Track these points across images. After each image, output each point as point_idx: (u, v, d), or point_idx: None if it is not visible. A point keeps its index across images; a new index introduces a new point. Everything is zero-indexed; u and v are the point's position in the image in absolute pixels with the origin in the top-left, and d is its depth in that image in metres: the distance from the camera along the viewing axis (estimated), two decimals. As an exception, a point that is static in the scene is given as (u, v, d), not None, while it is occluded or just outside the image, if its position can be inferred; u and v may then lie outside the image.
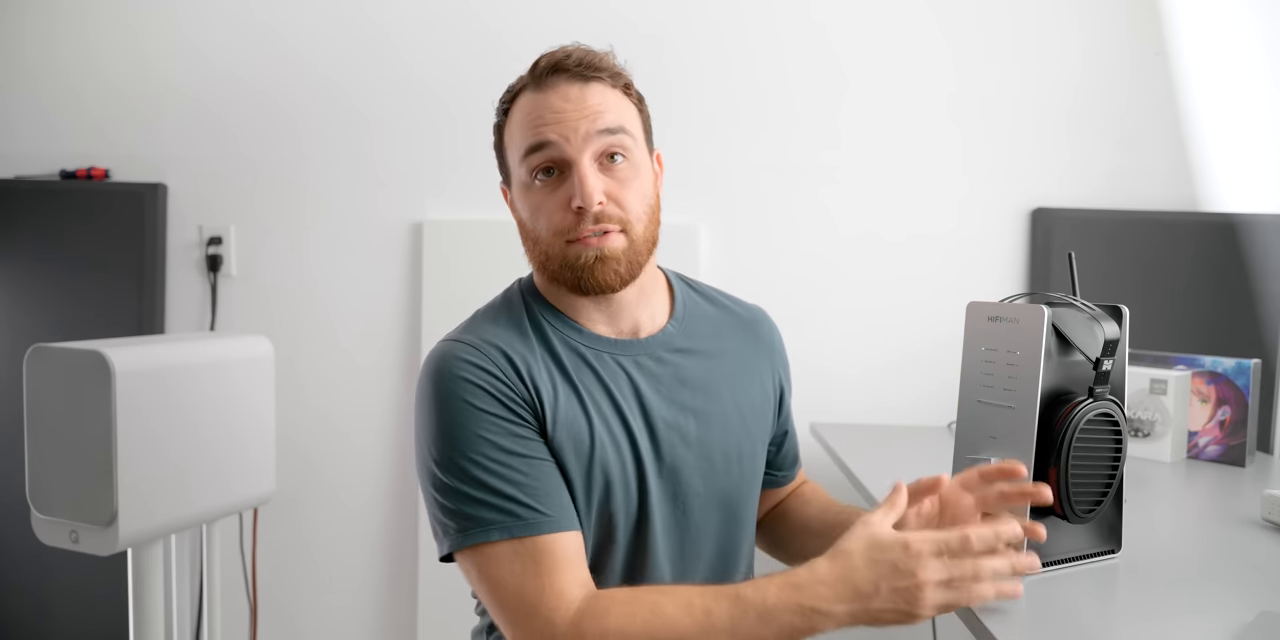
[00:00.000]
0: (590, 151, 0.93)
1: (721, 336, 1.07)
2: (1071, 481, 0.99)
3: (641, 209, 0.96)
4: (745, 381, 1.07)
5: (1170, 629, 0.89)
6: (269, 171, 2.11)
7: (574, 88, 0.95)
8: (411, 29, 2.07)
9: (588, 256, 0.93)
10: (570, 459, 0.93)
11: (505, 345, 0.95)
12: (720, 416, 1.02)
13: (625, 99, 0.98)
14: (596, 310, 1.00)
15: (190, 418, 1.53)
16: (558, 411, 0.93)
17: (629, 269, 0.95)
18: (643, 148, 0.99)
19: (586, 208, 0.91)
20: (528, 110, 0.96)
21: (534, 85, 0.97)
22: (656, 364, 1.00)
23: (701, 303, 1.10)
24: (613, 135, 0.93)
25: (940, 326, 1.99)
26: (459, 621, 2.03)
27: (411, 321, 2.09)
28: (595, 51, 0.98)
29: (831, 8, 2.04)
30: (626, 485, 0.96)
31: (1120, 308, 1.03)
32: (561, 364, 0.97)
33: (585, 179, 0.91)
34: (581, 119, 0.93)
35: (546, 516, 0.87)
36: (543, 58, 0.97)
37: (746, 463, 1.05)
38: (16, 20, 2.11)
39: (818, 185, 2.06)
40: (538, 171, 0.94)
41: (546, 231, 0.95)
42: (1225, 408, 1.64)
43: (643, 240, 0.96)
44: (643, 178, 0.97)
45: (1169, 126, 2.02)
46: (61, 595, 2.04)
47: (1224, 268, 1.94)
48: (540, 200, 0.95)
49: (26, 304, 2.06)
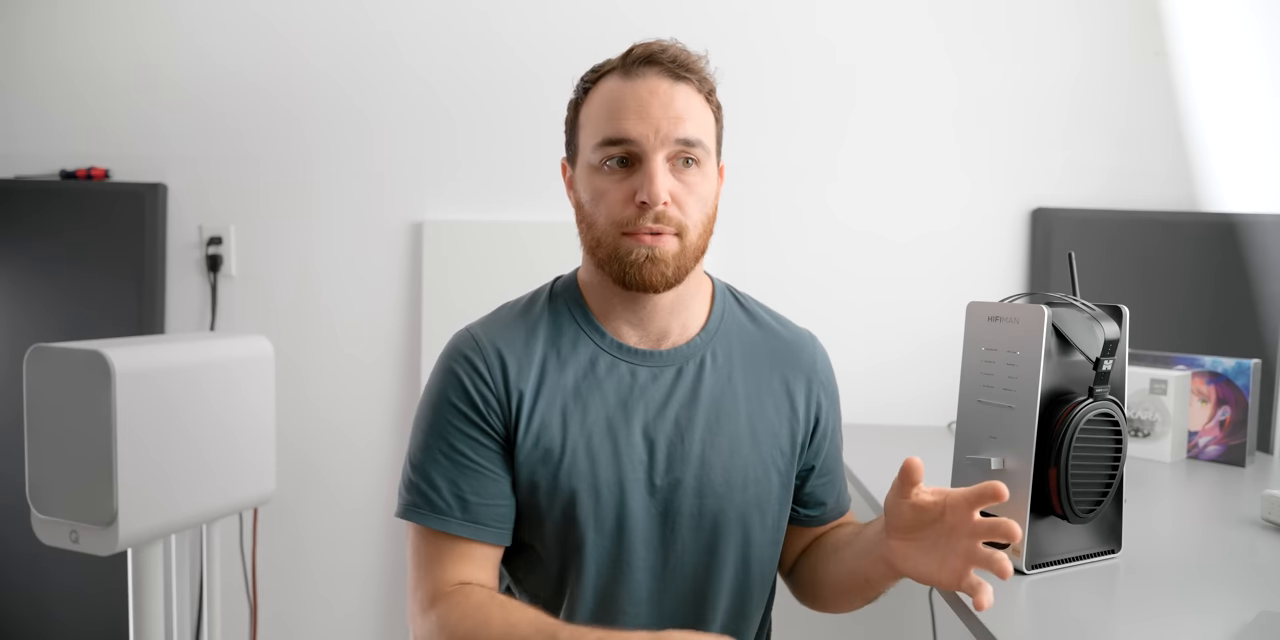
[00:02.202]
0: (665, 152, 0.93)
1: (752, 355, 1.04)
2: (1071, 481, 0.99)
3: (700, 217, 0.96)
4: (767, 403, 1.03)
5: (1170, 629, 0.90)
6: (269, 171, 2.11)
7: (663, 83, 0.94)
8: (412, 29, 2.07)
9: (639, 253, 0.93)
10: (538, 464, 0.96)
11: (505, 346, 0.98)
12: (729, 436, 0.99)
13: (706, 107, 0.97)
14: (627, 311, 1.00)
15: (190, 418, 1.53)
16: (534, 417, 0.96)
17: (676, 273, 0.95)
18: (713, 158, 0.99)
19: (651, 204, 0.91)
20: (612, 97, 0.95)
21: (623, 72, 0.96)
22: (673, 377, 1.00)
23: (741, 318, 1.07)
24: (690, 147, 0.94)
25: (940, 326, 1.99)
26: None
27: (411, 321, 2.09)
28: (690, 52, 0.97)
29: (832, 9, 2.04)
30: (598, 496, 0.95)
31: (1120, 308, 1.03)
32: (563, 370, 0.98)
33: (655, 176, 0.92)
34: (664, 119, 0.92)
35: (465, 522, 0.95)
36: (637, 47, 0.96)
37: (750, 488, 1.00)
38: (16, 20, 2.11)
39: (818, 185, 2.06)
40: (611, 159, 0.94)
41: (605, 220, 0.95)
42: (1225, 408, 1.64)
43: (694, 247, 0.96)
44: (708, 186, 0.97)
45: (1169, 126, 2.02)
46: (61, 595, 2.04)
47: (1224, 268, 1.94)
48: (606, 187, 0.95)
49: (26, 304, 2.06)
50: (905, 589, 1.99)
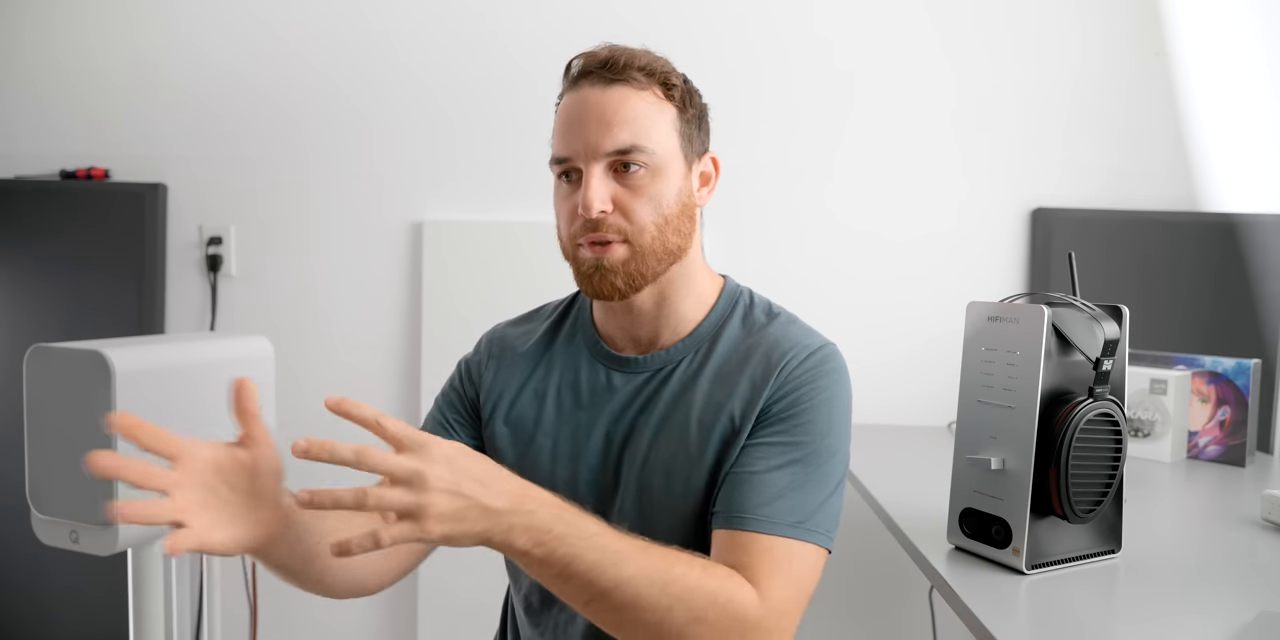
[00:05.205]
0: (601, 163, 0.92)
1: (729, 361, 0.97)
2: (1071, 481, 0.99)
3: (651, 218, 0.93)
4: (731, 410, 0.95)
5: (1170, 629, 0.89)
6: (269, 171, 2.11)
7: (595, 93, 0.93)
8: (411, 30, 2.07)
9: (589, 265, 0.94)
10: (508, 452, 1.01)
11: (502, 343, 1.08)
12: (674, 442, 0.95)
13: (659, 102, 0.94)
14: (615, 316, 1.01)
15: (190, 418, 1.53)
16: (512, 410, 1.02)
17: (627, 280, 0.94)
18: (670, 154, 0.94)
19: (585, 214, 0.91)
20: (560, 115, 0.96)
21: (568, 89, 0.96)
22: (642, 382, 0.99)
23: (736, 324, 1.01)
24: (624, 154, 0.92)
25: (940, 326, 1.99)
26: (459, 622, 2.03)
27: (411, 321, 2.09)
28: (625, 49, 0.95)
29: (831, 8, 2.04)
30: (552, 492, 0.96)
31: (1120, 308, 1.03)
32: (550, 372, 1.03)
33: (586, 186, 0.91)
34: (595, 130, 0.91)
35: None
36: (574, 60, 0.96)
37: (676, 488, 0.94)
38: (16, 20, 2.11)
39: (818, 185, 2.06)
40: (561, 174, 0.96)
41: (564, 233, 0.97)
42: (1225, 408, 1.64)
43: (651, 251, 0.93)
44: (661, 185, 0.93)
45: (1169, 126, 2.02)
46: (61, 596, 2.04)
47: (1224, 268, 1.94)
48: (561, 202, 0.97)
49: (27, 304, 2.06)
50: (905, 589, 2.00)
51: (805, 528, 0.87)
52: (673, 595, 0.77)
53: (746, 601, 0.81)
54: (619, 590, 0.76)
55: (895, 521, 1.24)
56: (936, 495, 1.19)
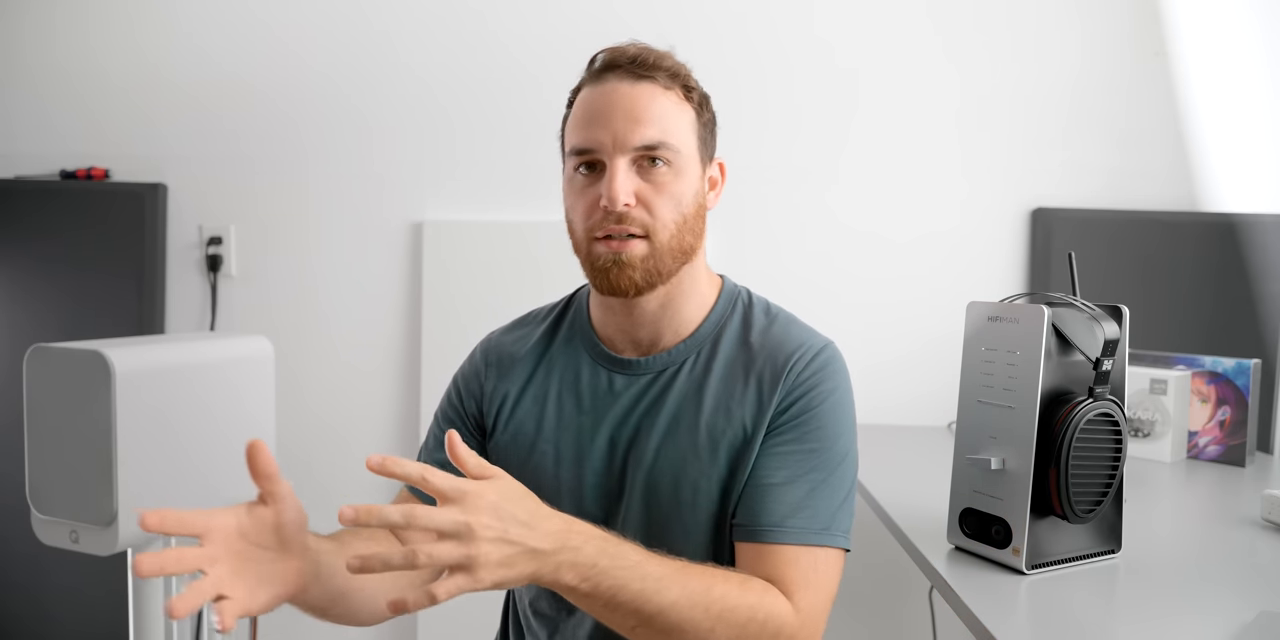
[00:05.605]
0: (627, 156, 0.92)
1: (732, 363, 0.98)
2: (1071, 481, 0.99)
3: (673, 215, 0.94)
4: (735, 414, 0.95)
5: (1170, 629, 0.90)
6: (269, 171, 2.11)
7: (623, 86, 0.94)
8: (411, 30, 2.07)
9: (607, 258, 0.93)
10: (511, 459, 1.01)
11: (499, 350, 1.07)
12: (684, 445, 0.95)
13: (682, 103, 0.96)
14: (617, 316, 1.00)
15: (190, 418, 1.53)
16: (513, 417, 1.02)
17: (645, 276, 0.94)
18: (690, 155, 0.96)
19: (611, 207, 0.91)
20: (581, 106, 0.96)
21: (590, 81, 0.97)
22: (646, 384, 0.99)
23: (736, 324, 1.01)
24: (652, 149, 0.92)
25: (940, 326, 1.99)
26: (458, 622, 2.03)
27: (411, 321, 2.09)
28: (653, 49, 0.96)
29: (832, 10, 2.04)
30: (557, 496, 0.97)
31: (1120, 308, 1.03)
32: (550, 375, 1.03)
33: (613, 178, 0.91)
34: (623, 124, 0.92)
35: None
36: (599, 53, 0.97)
37: (685, 494, 0.94)
38: (16, 20, 2.11)
39: (819, 186, 2.06)
40: (580, 165, 0.95)
41: (579, 226, 0.96)
42: (1225, 408, 1.64)
43: (668, 249, 0.94)
44: (683, 184, 0.94)
45: (1169, 126, 2.02)
46: (61, 596, 2.04)
47: (1224, 268, 1.94)
48: (578, 194, 0.96)
49: (27, 304, 2.06)
50: (905, 589, 2.00)
51: (829, 533, 0.90)
52: (714, 615, 0.80)
53: (783, 614, 0.84)
54: (663, 615, 0.78)
55: (895, 521, 1.24)
56: (936, 495, 1.19)
